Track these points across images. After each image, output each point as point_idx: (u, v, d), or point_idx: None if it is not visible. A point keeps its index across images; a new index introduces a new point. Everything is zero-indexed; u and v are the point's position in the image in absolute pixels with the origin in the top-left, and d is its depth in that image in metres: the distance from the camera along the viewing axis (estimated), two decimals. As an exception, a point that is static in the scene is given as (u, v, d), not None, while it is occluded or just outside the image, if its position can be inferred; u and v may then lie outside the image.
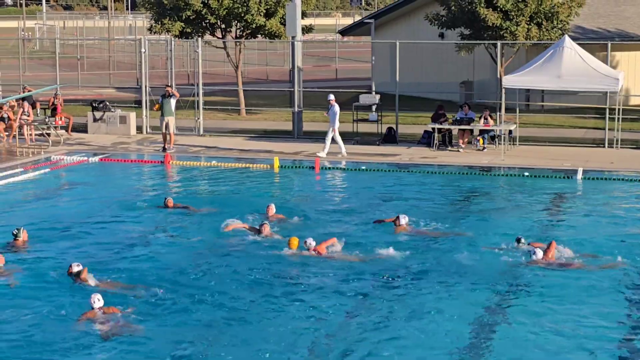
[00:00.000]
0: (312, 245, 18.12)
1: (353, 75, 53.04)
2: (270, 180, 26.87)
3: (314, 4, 41.34)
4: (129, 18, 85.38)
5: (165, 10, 37.91)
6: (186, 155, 30.06)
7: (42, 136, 32.08)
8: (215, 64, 51.75)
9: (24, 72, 42.51)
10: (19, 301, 15.69)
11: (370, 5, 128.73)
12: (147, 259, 18.23)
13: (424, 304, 15.55)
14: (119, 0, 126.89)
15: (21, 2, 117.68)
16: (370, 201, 23.51)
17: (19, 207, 23.01)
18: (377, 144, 31.50)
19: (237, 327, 14.56)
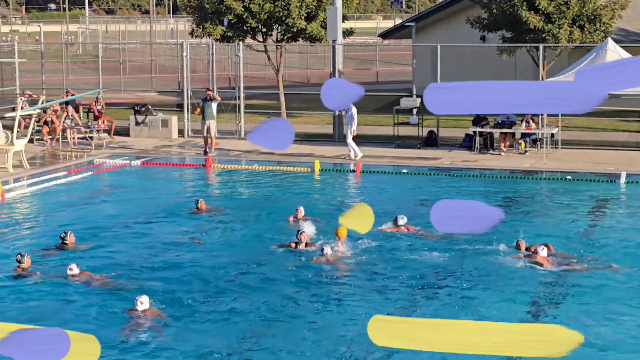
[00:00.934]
0: (329, 253, 17.96)
1: (394, 79, 52.96)
2: (311, 183, 26.91)
3: (354, 7, 41.34)
4: (170, 22, 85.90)
5: (207, 14, 38.09)
6: (227, 158, 30.18)
7: (85, 140, 32.34)
8: (256, 68, 51.89)
9: (67, 76, 42.87)
10: (69, 301, 15.89)
11: (410, 8, 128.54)
12: (186, 262, 18.29)
13: (462, 306, 15.53)
14: (161, 4, 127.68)
15: (64, 6, 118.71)
16: (410, 205, 23.48)
17: (62, 210, 23.23)
18: (418, 147, 31.46)
19: (274, 330, 14.62)
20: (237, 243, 19.68)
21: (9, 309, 15.63)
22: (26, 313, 15.33)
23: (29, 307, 15.69)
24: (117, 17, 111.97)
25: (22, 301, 16.02)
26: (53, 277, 17.14)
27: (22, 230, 21.14)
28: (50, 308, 15.59)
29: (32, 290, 16.55)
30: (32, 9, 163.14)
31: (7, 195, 24.41)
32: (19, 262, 17.51)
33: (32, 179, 26.86)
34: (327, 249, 18.12)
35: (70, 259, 18.21)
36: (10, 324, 6.01)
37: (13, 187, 25.77)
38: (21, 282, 16.91)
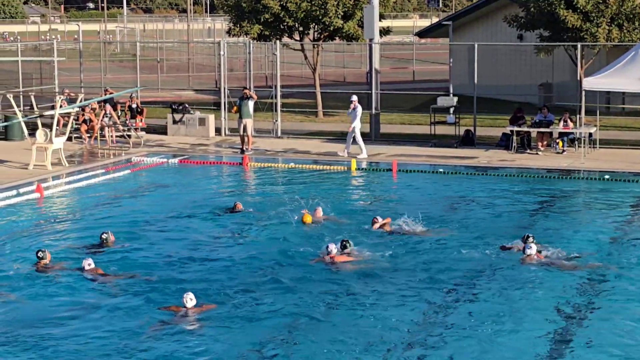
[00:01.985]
0: (333, 251, 17.82)
1: (430, 77, 52.85)
2: (347, 182, 26.91)
3: (391, 6, 41.33)
4: (207, 21, 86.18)
5: (244, 13, 38.22)
6: (264, 157, 30.25)
7: (122, 138, 32.54)
8: (292, 66, 51.98)
9: (105, 75, 43.16)
10: (116, 299, 16.08)
11: (447, 6, 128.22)
12: (223, 260, 18.38)
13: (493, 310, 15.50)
14: (198, 3, 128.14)
15: (103, 5, 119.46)
16: (446, 204, 23.45)
17: (100, 208, 23.38)
18: (455, 146, 31.37)
19: (308, 330, 14.68)
20: (272, 242, 19.71)
21: (51, 304, 15.79)
22: (67, 308, 15.49)
23: (69, 302, 15.84)
24: (155, 16, 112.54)
25: (60, 296, 16.19)
26: (75, 273, 17.34)
27: (60, 227, 21.31)
28: (81, 305, 15.74)
29: (74, 285, 16.73)
30: (70, 8, 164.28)
31: (45, 193, 24.62)
32: (40, 258, 17.79)
33: (70, 176, 27.06)
34: (331, 246, 18.14)
35: (109, 257, 18.39)
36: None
37: (51, 184, 25.97)
38: (50, 278, 17.11)
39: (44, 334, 14.36)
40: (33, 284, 16.85)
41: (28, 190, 24.74)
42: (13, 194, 24.46)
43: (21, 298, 16.18)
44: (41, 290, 16.54)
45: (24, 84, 35.92)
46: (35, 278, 17.17)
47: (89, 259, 17.58)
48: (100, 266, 17.47)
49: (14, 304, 15.87)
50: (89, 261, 17.49)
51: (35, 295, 16.30)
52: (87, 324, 14.85)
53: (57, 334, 14.41)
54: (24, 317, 15.18)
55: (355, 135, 29.79)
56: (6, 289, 16.58)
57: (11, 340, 14.10)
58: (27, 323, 14.85)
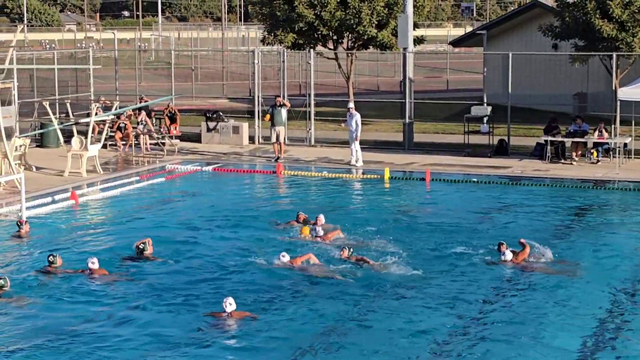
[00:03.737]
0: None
1: (464, 87, 52.75)
2: (381, 191, 26.90)
3: (425, 15, 41.30)
4: (242, 29, 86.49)
5: (278, 22, 38.33)
6: (297, 165, 30.31)
7: (157, 145, 32.70)
8: (326, 75, 52.01)
9: (140, 83, 43.39)
10: (162, 305, 16.23)
11: (481, 16, 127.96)
12: (258, 267, 18.44)
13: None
14: (233, 11, 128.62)
15: (138, 13, 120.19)
16: (479, 214, 23.40)
17: (135, 215, 23.51)
18: (489, 155, 31.29)
19: (352, 333, 14.73)
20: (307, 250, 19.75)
21: (79, 311, 15.92)
22: (94, 314, 15.62)
23: (91, 308, 15.97)
24: (189, 24, 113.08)
25: (88, 302, 16.32)
26: (117, 279, 17.48)
27: (95, 234, 21.44)
28: (110, 309, 15.90)
29: (104, 291, 16.87)
30: (106, 16, 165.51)
31: (80, 200, 24.80)
32: (50, 262, 18.04)
33: (105, 184, 27.24)
34: (284, 257, 18.28)
35: (147, 265, 18.53)
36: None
37: (86, 191, 26.16)
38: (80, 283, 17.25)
39: (72, 340, 14.50)
40: (62, 289, 17.06)
41: (63, 197, 24.93)
42: (48, 200, 24.67)
43: (51, 303, 16.35)
44: (66, 296, 16.72)
45: (60, 92, 36.19)
46: (64, 283, 17.34)
47: (94, 258, 17.88)
48: (140, 276, 17.62)
49: (46, 310, 16.02)
50: (93, 259, 17.80)
51: (61, 301, 16.49)
52: (127, 330, 15.01)
53: (91, 339, 14.55)
54: (54, 323, 15.34)
55: (355, 141, 29.88)
56: (39, 294, 16.76)
57: (46, 346, 14.24)
58: (55, 329, 15.02)
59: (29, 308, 16.06)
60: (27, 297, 16.53)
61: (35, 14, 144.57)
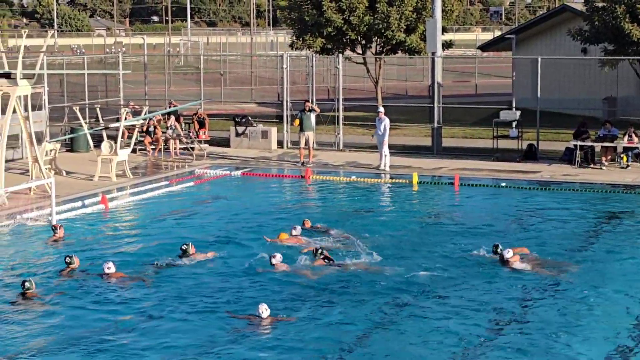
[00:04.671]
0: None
1: (493, 91, 52.63)
2: (409, 196, 26.89)
3: (453, 19, 41.27)
4: (270, 34, 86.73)
5: (307, 27, 38.43)
6: (326, 170, 30.34)
7: (186, 150, 32.85)
8: (354, 79, 52.08)
9: (169, 87, 43.59)
10: (204, 310, 16.31)
11: (510, 20, 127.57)
12: (284, 273, 18.49)
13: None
14: (261, 16, 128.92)
15: (167, 18, 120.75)
16: (508, 219, 23.34)
17: (164, 220, 23.60)
18: (518, 160, 31.20)
19: (383, 336, 14.77)
20: (337, 253, 19.78)
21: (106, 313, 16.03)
22: (136, 317, 15.73)
23: (132, 310, 16.08)
24: (218, 29, 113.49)
25: (119, 303, 16.43)
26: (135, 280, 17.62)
27: (124, 238, 21.57)
28: (138, 313, 16.02)
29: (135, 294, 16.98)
30: (135, 22, 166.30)
31: (110, 204, 24.94)
32: (68, 263, 18.33)
33: (134, 188, 27.38)
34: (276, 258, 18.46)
35: (191, 267, 18.65)
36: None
37: (116, 196, 26.31)
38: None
39: (96, 345, 14.64)
40: (85, 293, 17.18)
41: (93, 202, 25.09)
42: (78, 205, 24.82)
43: (85, 305, 16.48)
44: (90, 300, 16.85)
45: (89, 96, 36.43)
46: (91, 287, 17.48)
47: (109, 262, 18.04)
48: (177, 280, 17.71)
49: (68, 313, 16.17)
50: (109, 264, 17.96)
51: (84, 305, 16.61)
52: (158, 332, 15.11)
53: (123, 341, 14.68)
54: (85, 325, 15.46)
55: (385, 146, 29.91)
56: (61, 297, 16.91)
57: (83, 349, 14.35)
58: (76, 333, 15.13)
59: (51, 311, 16.23)
60: (48, 301, 16.69)
61: (66, 19, 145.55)
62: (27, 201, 23.95)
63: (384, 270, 18.41)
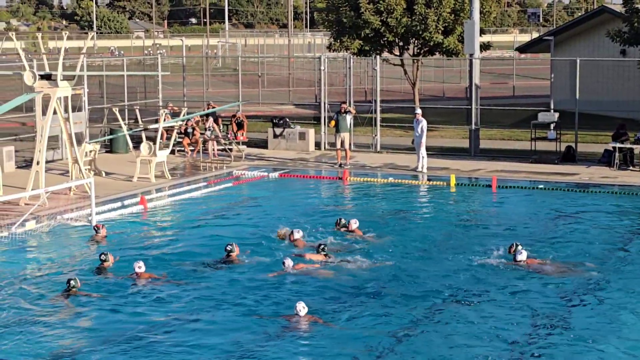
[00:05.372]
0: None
1: (531, 93, 52.43)
2: (447, 198, 26.86)
3: (491, 21, 41.16)
4: (308, 36, 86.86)
5: (345, 29, 38.50)
6: (363, 171, 30.37)
7: (224, 151, 32.99)
8: (392, 81, 52.07)
9: (207, 89, 43.79)
10: (238, 308, 16.50)
11: (548, 21, 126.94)
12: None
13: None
14: (299, 18, 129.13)
15: (205, 20, 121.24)
16: (546, 221, 23.28)
17: (202, 221, 23.73)
18: (556, 162, 31.09)
19: (421, 337, 14.83)
20: (374, 255, 19.82)
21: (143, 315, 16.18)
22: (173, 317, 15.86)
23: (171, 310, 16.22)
24: (256, 31, 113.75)
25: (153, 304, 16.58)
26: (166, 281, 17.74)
27: (163, 238, 21.72)
28: (178, 314, 16.15)
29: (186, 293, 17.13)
30: (174, 24, 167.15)
31: (149, 205, 25.12)
32: (102, 260, 18.72)
33: (173, 189, 27.55)
34: (287, 261, 18.51)
35: (226, 268, 18.78)
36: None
37: (155, 197, 26.50)
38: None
39: (138, 341, 14.83)
40: (122, 293, 17.38)
41: (132, 202, 25.28)
42: (117, 205, 25.03)
43: (117, 304, 16.68)
44: (131, 300, 17.05)
45: (129, 98, 36.68)
46: (125, 286, 17.68)
47: (140, 262, 18.23)
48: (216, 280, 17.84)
49: (112, 311, 16.37)
50: (140, 264, 18.17)
51: (122, 306, 16.80)
52: (191, 332, 15.23)
53: (155, 341, 14.83)
54: (124, 325, 15.64)
55: (422, 148, 29.91)
56: (105, 297, 17.10)
57: (117, 348, 14.51)
58: (125, 332, 15.30)
59: (88, 310, 16.46)
60: (87, 300, 16.88)
61: (105, 21, 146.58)
62: (67, 201, 24.17)
63: (419, 272, 18.45)
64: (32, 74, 25.73)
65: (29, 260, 19.88)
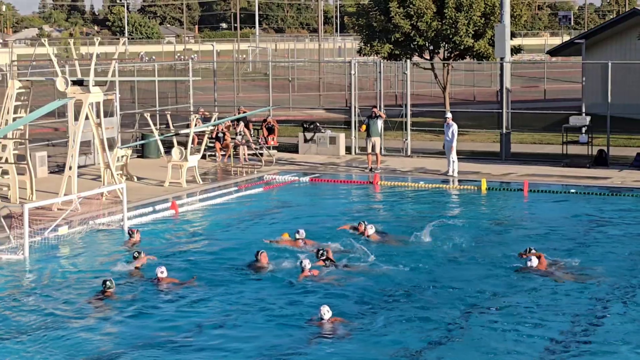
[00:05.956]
0: (307, 266, 18.31)
1: (562, 96, 52.20)
2: (478, 202, 26.79)
3: (522, 24, 41.03)
4: (338, 40, 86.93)
5: (375, 33, 38.51)
6: (394, 176, 30.34)
7: (255, 156, 33.07)
8: (422, 85, 52.02)
9: (238, 94, 43.90)
10: (266, 311, 16.56)
11: (579, 24, 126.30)
12: (358, 276, 18.58)
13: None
14: (329, 23, 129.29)
15: (235, 25, 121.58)
16: (579, 225, 23.18)
17: (233, 225, 23.80)
18: (588, 166, 30.93)
19: (453, 341, 14.80)
20: (404, 259, 19.81)
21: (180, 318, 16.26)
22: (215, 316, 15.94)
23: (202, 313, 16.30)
24: (286, 35, 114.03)
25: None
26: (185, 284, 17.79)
27: (194, 243, 21.79)
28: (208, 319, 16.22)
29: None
30: (204, 29, 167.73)
31: (180, 210, 25.23)
32: (135, 257, 19.29)
33: (204, 194, 27.66)
34: (305, 262, 18.53)
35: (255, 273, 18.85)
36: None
37: (186, 201, 26.60)
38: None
39: (168, 344, 14.92)
40: (153, 296, 17.48)
41: (164, 207, 25.40)
42: (149, 210, 25.16)
43: (146, 310, 16.77)
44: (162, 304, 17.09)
45: (160, 103, 36.87)
46: (154, 292, 17.76)
47: (162, 267, 18.31)
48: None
49: (143, 317, 16.46)
50: (162, 269, 18.25)
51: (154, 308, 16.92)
52: (219, 336, 15.30)
53: (185, 344, 14.90)
54: (150, 329, 15.75)
55: (452, 152, 29.87)
56: (139, 301, 17.20)
57: (147, 350, 14.60)
58: (151, 336, 15.39)
59: (120, 312, 16.61)
60: (121, 303, 17.04)
61: (136, 26, 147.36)
62: (99, 207, 24.32)
63: (449, 276, 18.43)
64: (65, 79, 25.92)
65: (62, 265, 20.02)
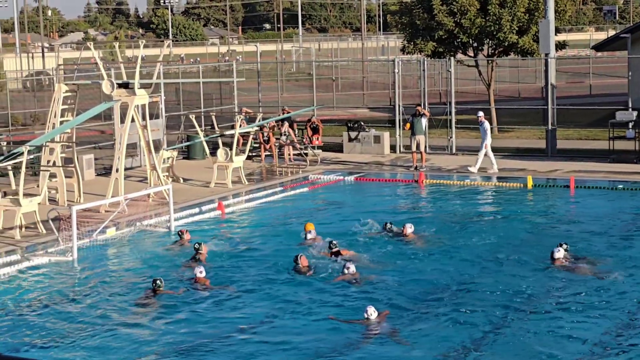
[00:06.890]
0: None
1: (608, 91, 51.75)
2: (524, 199, 26.65)
3: (566, 19, 40.75)
4: (381, 39, 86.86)
5: (418, 31, 38.44)
6: (439, 174, 30.27)
7: (300, 156, 33.14)
8: (466, 82, 51.81)
9: (282, 94, 44.02)
10: (313, 312, 16.63)
11: (624, 19, 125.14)
12: (409, 271, 18.58)
13: None
14: (372, 21, 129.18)
15: (279, 26, 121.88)
16: (626, 222, 22.99)
17: (279, 225, 23.87)
18: (635, 162, 30.66)
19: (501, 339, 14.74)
20: (448, 259, 19.78)
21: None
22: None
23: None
24: (329, 35, 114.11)
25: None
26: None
27: (241, 244, 21.86)
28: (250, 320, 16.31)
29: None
30: (248, 30, 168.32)
31: (226, 210, 25.35)
32: (197, 249, 19.90)
33: (250, 194, 27.76)
34: (351, 267, 18.37)
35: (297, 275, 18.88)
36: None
37: (232, 202, 26.72)
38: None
39: (214, 345, 15.01)
40: (200, 298, 17.57)
41: (210, 208, 25.54)
42: (196, 211, 25.31)
43: (191, 312, 16.88)
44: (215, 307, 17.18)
45: (204, 104, 37.05)
46: (195, 293, 17.86)
47: (201, 267, 18.47)
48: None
49: (188, 318, 16.56)
50: (201, 269, 18.43)
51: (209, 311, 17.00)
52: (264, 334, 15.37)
53: (232, 346, 14.98)
54: (194, 331, 15.86)
55: (487, 150, 29.72)
56: (185, 302, 17.32)
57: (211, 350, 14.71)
58: (196, 337, 15.49)
59: (167, 313, 16.75)
60: (171, 304, 17.15)
61: (180, 28, 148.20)
62: (146, 208, 24.51)
63: (495, 275, 18.37)
64: (110, 82, 26.15)
65: (111, 267, 20.21)
